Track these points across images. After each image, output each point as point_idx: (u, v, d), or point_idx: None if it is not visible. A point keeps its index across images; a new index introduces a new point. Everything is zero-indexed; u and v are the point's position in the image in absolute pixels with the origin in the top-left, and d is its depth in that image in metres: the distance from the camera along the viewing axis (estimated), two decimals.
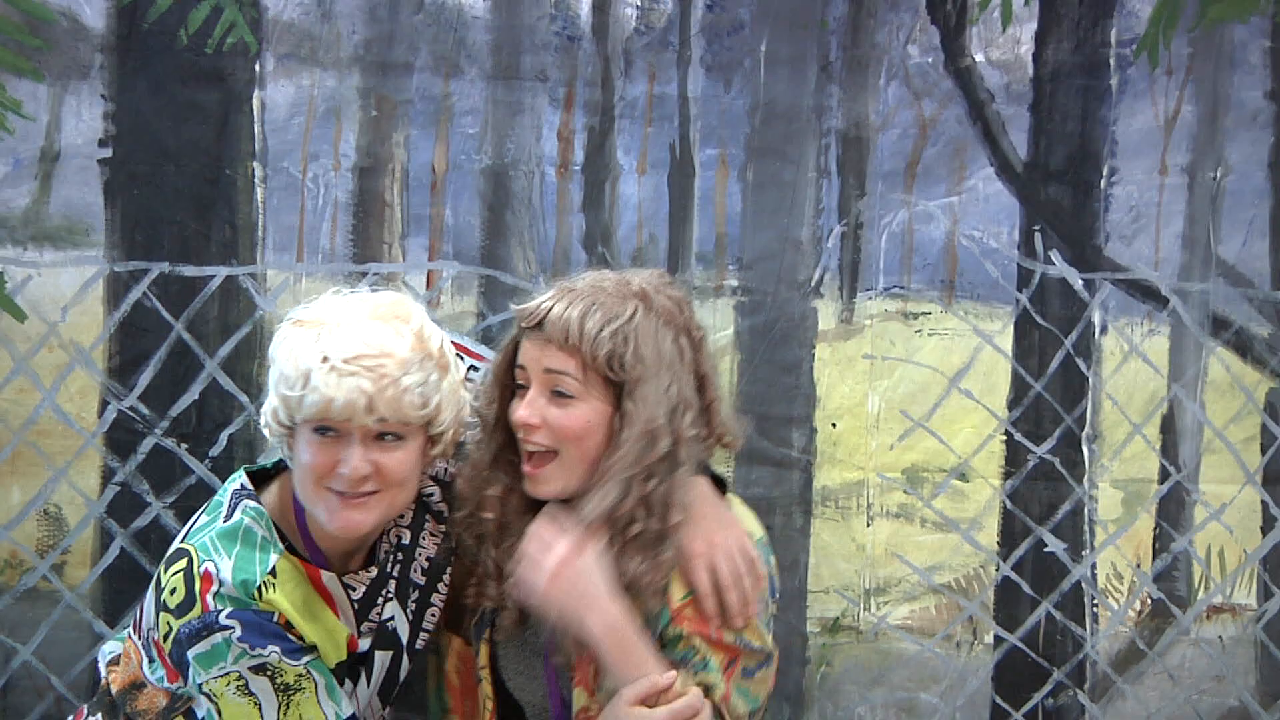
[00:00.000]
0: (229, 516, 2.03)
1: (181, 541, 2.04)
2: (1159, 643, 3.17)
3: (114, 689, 2.15)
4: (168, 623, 1.96)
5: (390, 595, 2.14)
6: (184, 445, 2.86)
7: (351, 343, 1.92)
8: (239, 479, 2.10)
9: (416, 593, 2.17)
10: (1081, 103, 3.04)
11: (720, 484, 2.22)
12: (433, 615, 2.20)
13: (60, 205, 2.83)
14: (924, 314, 3.07)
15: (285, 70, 2.89)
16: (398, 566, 2.16)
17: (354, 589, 2.08)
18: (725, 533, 2.08)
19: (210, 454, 2.87)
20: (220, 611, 1.93)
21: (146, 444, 2.86)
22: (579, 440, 2.00)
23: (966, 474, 3.10)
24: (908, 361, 3.07)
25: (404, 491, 2.02)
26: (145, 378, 2.85)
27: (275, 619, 1.95)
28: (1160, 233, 3.08)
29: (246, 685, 1.93)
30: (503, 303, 2.95)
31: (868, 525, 3.09)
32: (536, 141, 2.97)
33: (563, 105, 2.97)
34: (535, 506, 2.10)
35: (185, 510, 2.85)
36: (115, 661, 2.21)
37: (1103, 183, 3.07)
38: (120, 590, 2.87)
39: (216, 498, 2.10)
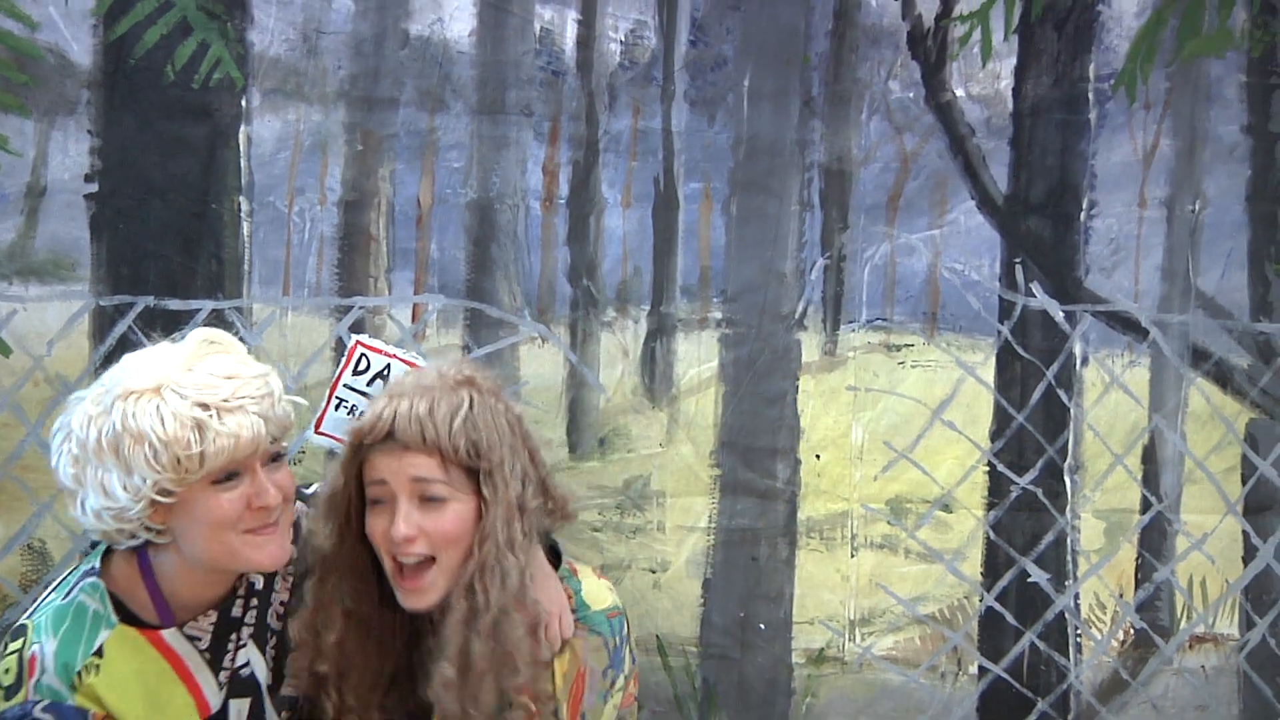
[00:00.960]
0: (68, 594, 2.00)
1: (26, 617, 2.01)
2: (1142, 672, 3.18)
3: None
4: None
5: (244, 642, 2.10)
6: None
7: (219, 383, 1.89)
8: (93, 561, 2.05)
9: (274, 638, 2.13)
10: (1061, 137, 3.07)
11: (556, 554, 2.20)
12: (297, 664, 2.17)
13: (46, 240, 2.84)
14: (907, 346, 3.09)
15: (271, 105, 2.90)
16: (253, 612, 2.12)
17: (198, 638, 2.03)
18: (552, 605, 2.07)
19: None
20: (37, 703, 1.91)
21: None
22: (458, 541, 1.96)
23: (950, 505, 3.12)
24: (891, 393, 3.09)
25: (292, 506, 2.02)
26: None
27: (90, 717, 1.92)
28: (1140, 265, 3.11)
29: None
30: (488, 336, 2.97)
31: (852, 556, 3.10)
32: (521, 175, 2.98)
33: (547, 139, 2.99)
34: (376, 632, 2.05)
35: None
36: None
37: (1082, 215, 3.09)
38: None
39: (65, 575, 2.06)
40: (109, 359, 2.83)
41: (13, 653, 1.95)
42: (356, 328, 2.92)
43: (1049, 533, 3.13)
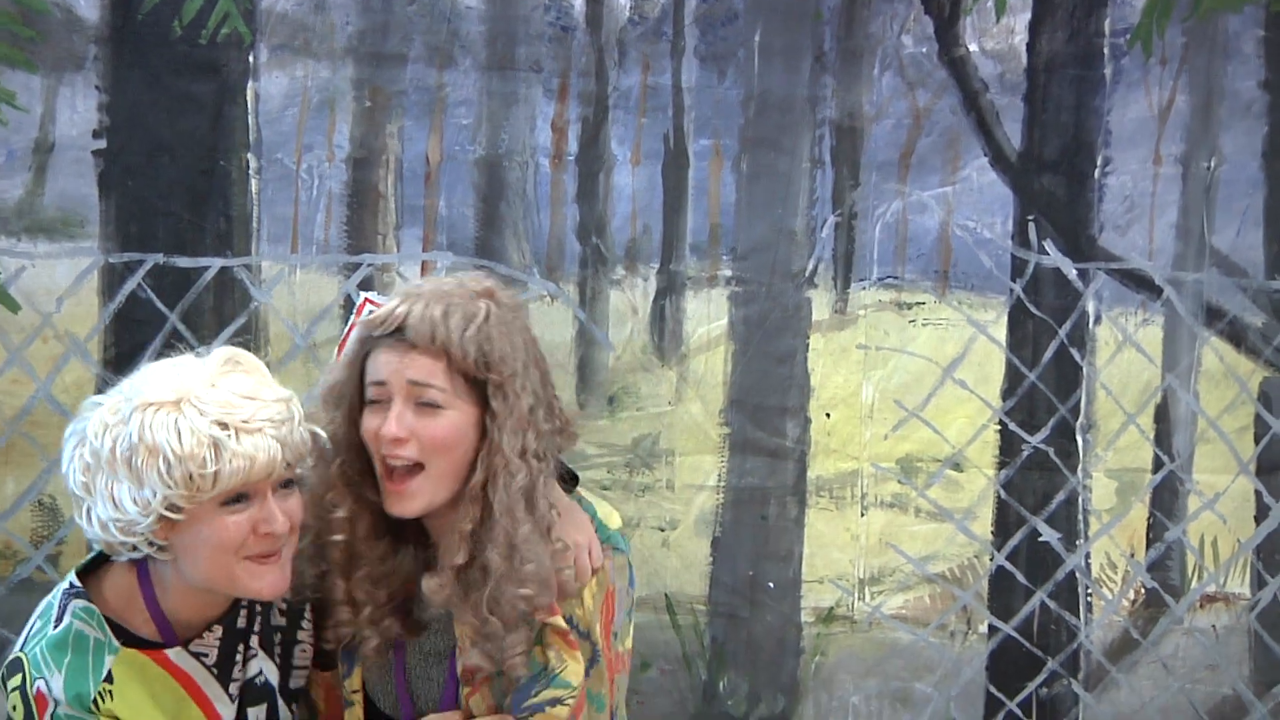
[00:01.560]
0: (58, 621, 1.94)
1: (19, 649, 1.96)
2: (1153, 632, 3.18)
3: None
4: None
5: (254, 651, 2.07)
6: None
7: (241, 403, 1.85)
8: (68, 578, 2.00)
9: (280, 635, 2.11)
10: (1075, 93, 3.04)
11: (573, 478, 2.18)
12: (303, 652, 2.14)
13: (55, 197, 2.83)
14: (918, 304, 3.08)
15: (279, 61, 2.89)
16: (257, 619, 2.09)
17: (205, 654, 2.00)
18: (580, 534, 2.05)
19: None
20: None
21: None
22: (449, 450, 1.92)
23: (961, 464, 3.11)
24: (902, 352, 3.08)
25: (297, 536, 1.98)
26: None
27: None
28: (1154, 223, 3.09)
29: None
30: None
31: (862, 515, 3.10)
32: (531, 132, 2.97)
33: (557, 96, 2.97)
34: (385, 530, 2.03)
35: None
36: None
37: (1097, 173, 3.07)
38: None
39: (48, 599, 2.01)
40: (118, 316, 2.84)
41: (15, 689, 1.91)
42: (365, 285, 2.91)
43: (1060, 492, 3.12)
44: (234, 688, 2.04)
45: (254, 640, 2.07)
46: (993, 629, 3.16)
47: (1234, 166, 3.07)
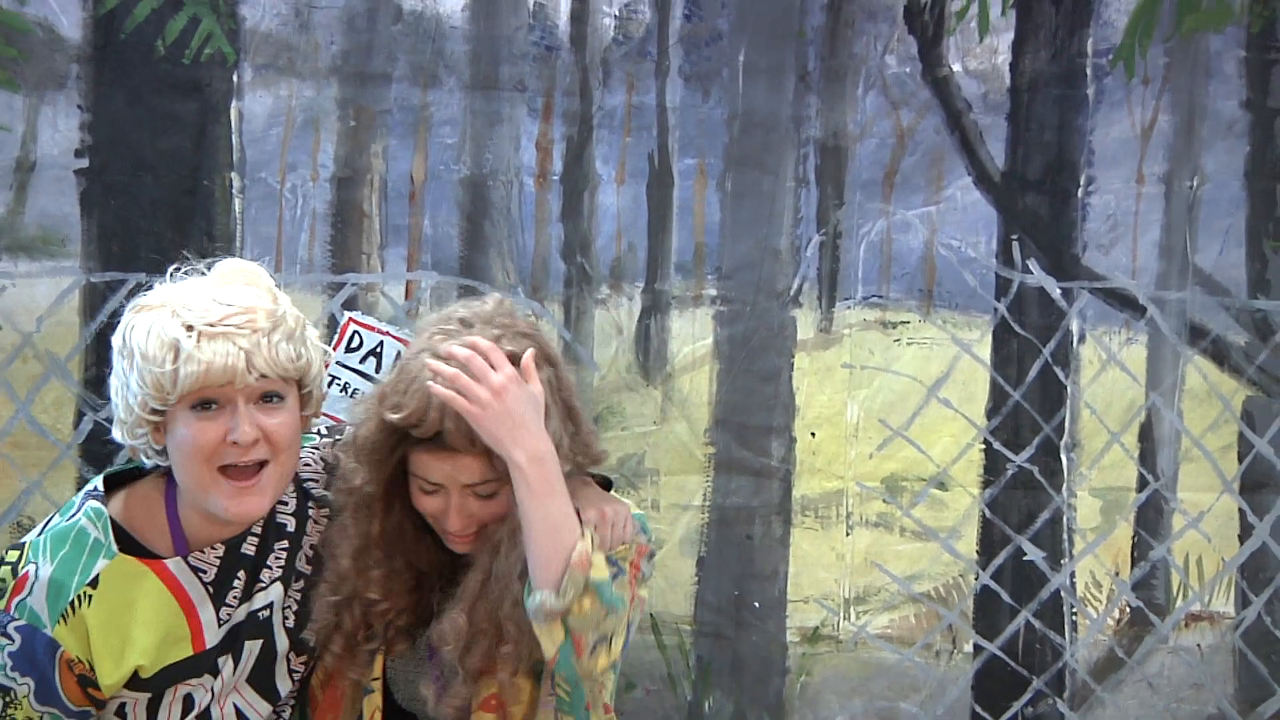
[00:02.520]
0: (71, 517, 1.98)
1: (35, 534, 1.99)
2: (1138, 651, 3.18)
3: None
4: None
5: (263, 584, 2.06)
6: None
7: (213, 307, 1.85)
8: (97, 482, 2.03)
9: (301, 581, 2.09)
10: (1059, 112, 3.05)
11: (607, 483, 2.21)
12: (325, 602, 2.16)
13: (36, 215, 2.82)
14: (902, 323, 3.08)
15: (263, 80, 2.89)
16: (281, 554, 2.09)
17: (203, 570, 1.99)
18: (613, 505, 2.07)
19: None
20: (12, 620, 1.91)
21: (122, 455, 2.83)
22: (504, 518, 1.97)
23: (945, 483, 3.11)
24: (886, 370, 3.08)
25: (290, 458, 1.97)
26: None
27: (58, 654, 1.91)
28: (1138, 241, 3.10)
29: None
30: None
31: (847, 534, 3.09)
32: (515, 151, 2.97)
33: (541, 115, 2.97)
34: (414, 578, 2.08)
35: None
36: None
37: (1080, 192, 3.08)
38: None
39: (73, 498, 2.04)
40: (100, 336, 2.83)
41: (7, 564, 1.95)
42: (349, 305, 2.91)
43: (1045, 511, 3.12)
44: (226, 613, 2.02)
45: (268, 574, 2.06)
46: (978, 648, 3.15)
47: (1216, 186, 3.08)
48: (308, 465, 2.14)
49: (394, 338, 2.82)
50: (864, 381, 3.07)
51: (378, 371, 2.79)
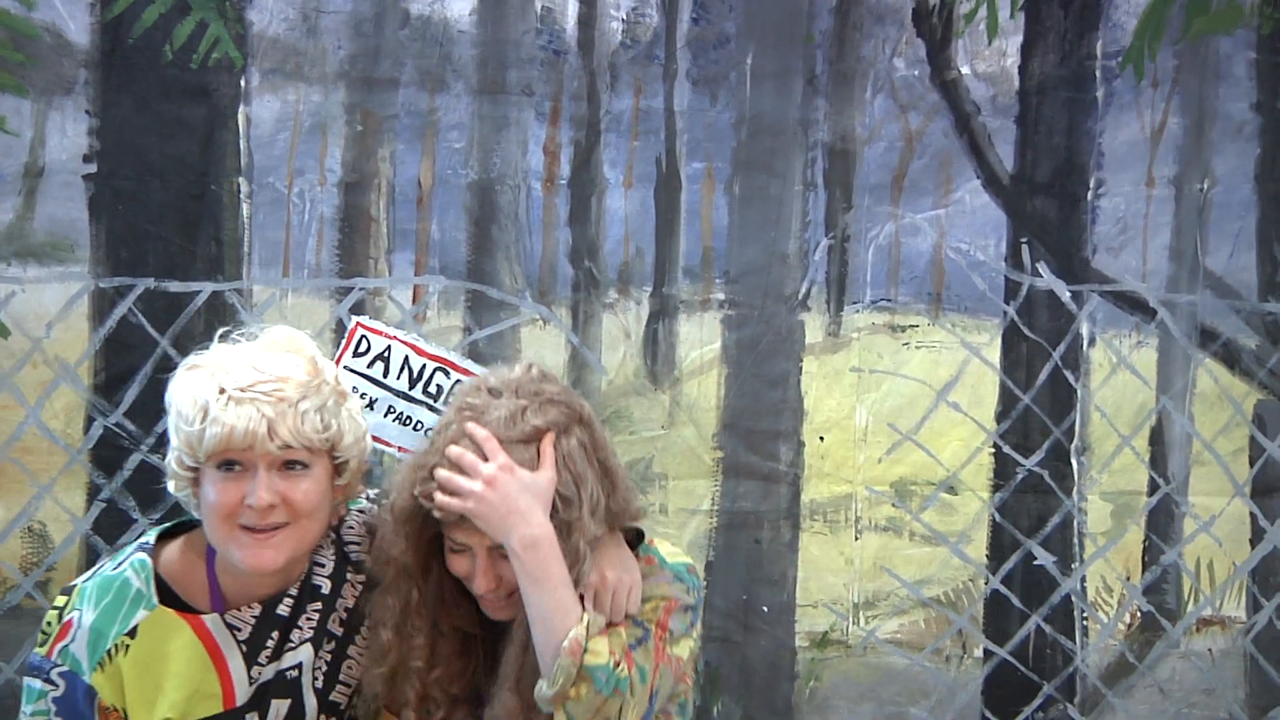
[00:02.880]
0: (118, 566, 2.03)
1: (83, 580, 2.04)
2: (1149, 656, 3.16)
3: None
4: (37, 640, 2.02)
5: (296, 644, 2.09)
6: None
7: (246, 372, 1.90)
8: (150, 535, 2.08)
9: (333, 643, 2.12)
10: (1068, 115, 3.04)
11: (639, 535, 2.21)
12: (349, 668, 2.17)
13: (45, 221, 2.83)
14: (911, 327, 3.07)
15: (270, 85, 2.89)
16: (315, 616, 2.13)
17: (238, 628, 2.04)
18: (620, 569, 2.07)
19: None
20: (56, 666, 1.97)
21: (132, 460, 2.85)
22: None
23: (955, 487, 3.10)
24: (895, 374, 3.07)
25: (314, 524, 2.00)
26: (131, 394, 2.84)
27: (96, 702, 1.97)
28: (1147, 244, 3.08)
29: None
30: (489, 317, 2.95)
31: (856, 539, 3.08)
32: (522, 156, 2.96)
33: (548, 119, 2.97)
34: (461, 642, 2.09)
35: None
36: None
37: (1089, 195, 3.07)
38: None
39: (127, 544, 2.11)
40: (109, 341, 2.83)
41: (57, 608, 2.01)
42: (357, 309, 2.91)
43: (1055, 515, 3.11)
44: (256, 671, 2.05)
45: (299, 634, 2.08)
46: (988, 653, 3.14)
47: (1226, 188, 3.07)
48: (351, 529, 2.18)
49: (401, 342, 2.82)
50: (873, 385, 3.06)
51: (385, 376, 2.78)
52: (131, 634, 1.98)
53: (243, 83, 2.87)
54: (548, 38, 2.95)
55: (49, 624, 1.99)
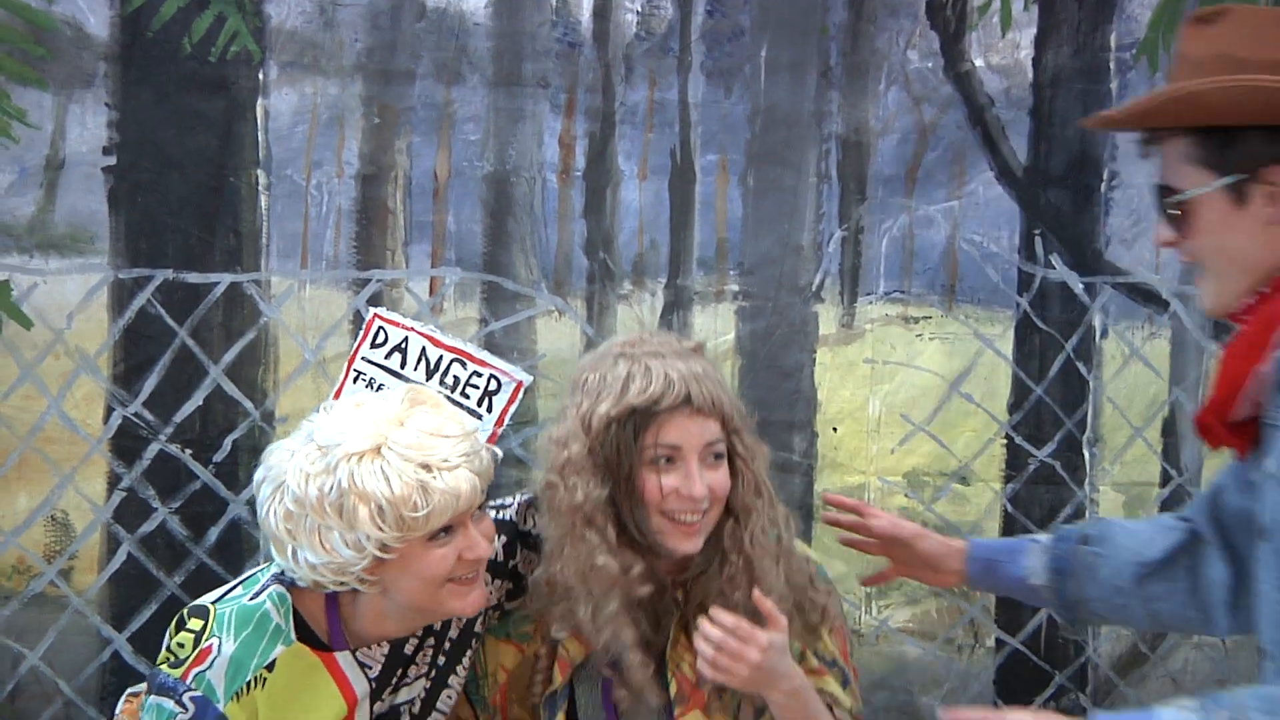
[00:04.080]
0: (256, 596, 2.06)
1: (210, 601, 2.07)
2: (1161, 646, 3.17)
3: None
4: (162, 660, 2.03)
5: (409, 679, 2.16)
6: (189, 451, 2.88)
7: (434, 442, 1.95)
8: (279, 565, 2.08)
9: (435, 672, 2.19)
10: (1081, 107, 3.04)
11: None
12: (449, 696, 2.22)
13: (65, 213, 2.85)
14: (925, 318, 3.08)
15: (288, 78, 2.91)
16: (429, 651, 2.19)
17: (370, 667, 2.10)
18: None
19: (215, 459, 2.89)
20: (189, 690, 1.98)
21: (152, 450, 2.88)
22: (724, 499, 2.11)
23: (968, 478, 3.11)
24: (908, 366, 3.08)
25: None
26: (150, 384, 2.87)
27: None
28: None
29: None
30: (505, 309, 2.97)
31: None
32: (538, 148, 2.98)
33: (564, 111, 2.98)
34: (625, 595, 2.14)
35: (190, 515, 2.89)
36: (136, 694, 2.24)
37: (1103, 186, 3.07)
38: (127, 595, 2.89)
39: (254, 573, 2.13)
40: (128, 332, 2.86)
41: (193, 631, 2.02)
42: (374, 301, 2.93)
43: (1067, 506, 3.12)
44: (379, 707, 2.12)
45: (414, 670, 2.16)
46: (1000, 643, 3.15)
47: None
48: None
49: (418, 333, 2.83)
50: (886, 376, 3.08)
51: (402, 367, 2.80)
52: (270, 667, 2.01)
53: (261, 75, 2.89)
54: (563, 30, 2.96)
55: (181, 645, 2.01)
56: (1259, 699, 1.61)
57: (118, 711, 2.24)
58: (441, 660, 2.19)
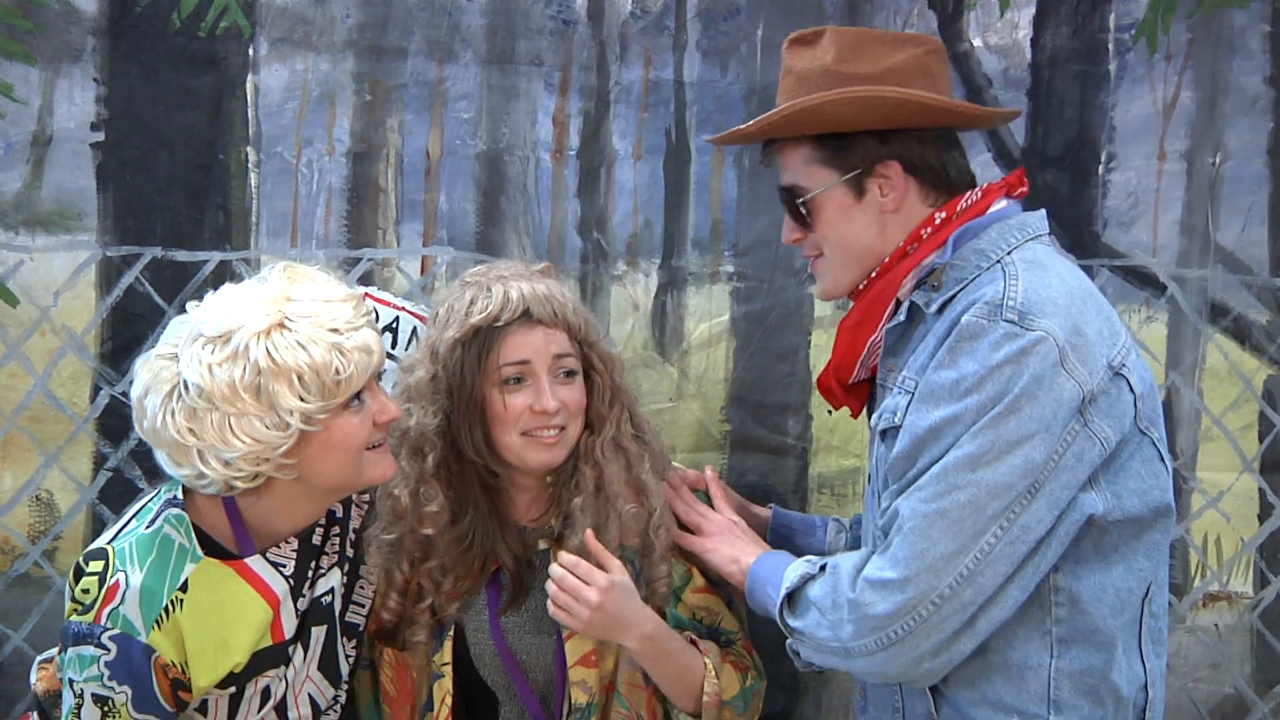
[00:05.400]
0: (151, 524, 2.04)
1: (105, 542, 2.05)
2: None
3: (40, 689, 2.17)
4: (70, 612, 2.01)
5: (325, 570, 2.15)
6: None
7: (330, 308, 1.96)
8: (174, 489, 2.09)
9: (348, 565, 2.19)
10: (1080, 88, 3.02)
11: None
12: (361, 588, 2.22)
13: (52, 190, 2.82)
14: None
15: (279, 54, 2.88)
16: (335, 539, 2.18)
17: (283, 565, 2.09)
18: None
19: None
20: (106, 630, 1.96)
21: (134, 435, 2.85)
22: (582, 412, 2.17)
23: None
24: None
25: None
26: (137, 363, 2.83)
27: (153, 660, 1.97)
28: (1159, 219, 3.07)
29: (81, 707, 1.97)
30: None
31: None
32: (531, 126, 2.95)
33: (558, 90, 2.95)
34: (462, 522, 2.20)
35: None
36: (48, 660, 2.21)
37: (1101, 169, 3.05)
38: None
39: (144, 503, 2.11)
40: (116, 310, 2.83)
41: (94, 574, 1.99)
42: (365, 280, 2.90)
43: None
44: (301, 604, 2.11)
45: (325, 560, 2.15)
46: None
47: (1239, 162, 3.05)
48: None
49: (410, 313, 2.81)
50: None
51: (394, 347, 2.78)
52: (183, 588, 1.99)
53: (251, 51, 2.86)
54: (557, 7, 2.93)
55: (86, 591, 1.97)
56: (851, 562, 1.93)
57: (32, 683, 2.20)
58: (350, 552, 2.20)
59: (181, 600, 1.99)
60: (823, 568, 1.99)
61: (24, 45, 2.79)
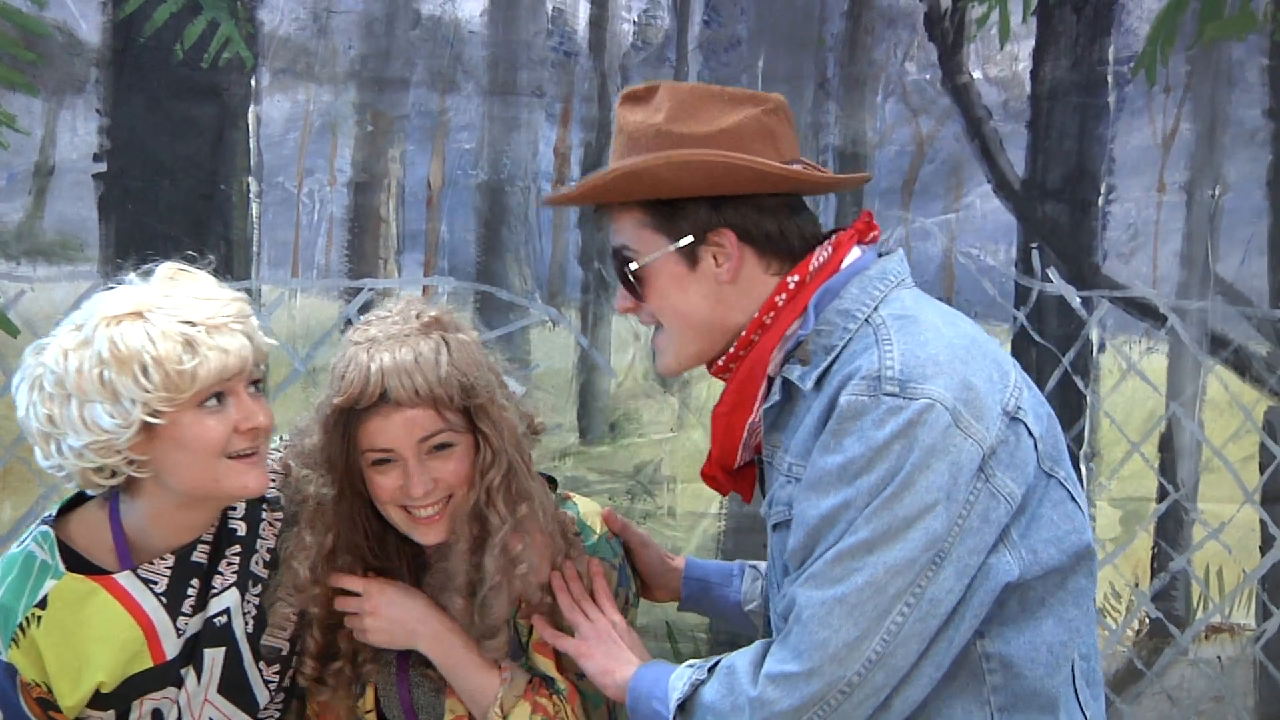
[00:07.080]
0: (21, 543, 1.99)
1: None
2: (1157, 663, 3.15)
3: None
4: None
5: (219, 590, 2.05)
6: None
7: (197, 303, 1.86)
8: (54, 508, 2.04)
9: (259, 586, 2.08)
10: (1079, 120, 3.03)
11: (551, 481, 2.24)
12: (282, 614, 2.16)
13: (54, 220, 2.83)
14: None
15: (281, 85, 2.89)
16: (235, 560, 2.08)
17: (154, 581, 1.99)
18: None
19: None
20: None
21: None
22: (468, 479, 1.99)
23: None
24: None
25: (269, 438, 2.01)
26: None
27: (17, 680, 1.94)
28: (1158, 250, 3.08)
29: None
30: (499, 319, 2.95)
31: None
32: (533, 157, 2.96)
33: (559, 121, 2.96)
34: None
35: None
36: None
37: (1100, 200, 3.06)
38: None
39: (32, 529, 2.05)
40: None
41: None
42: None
43: None
44: (183, 623, 2.01)
45: (220, 580, 2.04)
46: None
47: (1238, 194, 3.06)
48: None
49: None
50: None
51: None
52: (41, 605, 1.93)
53: (253, 82, 2.87)
54: (559, 39, 2.95)
55: None
56: (747, 658, 1.78)
57: None
58: (263, 571, 2.08)
59: (39, 617, 1.93)
60: (711, 669, 1.82)
61: (27, 76, 2.80)
